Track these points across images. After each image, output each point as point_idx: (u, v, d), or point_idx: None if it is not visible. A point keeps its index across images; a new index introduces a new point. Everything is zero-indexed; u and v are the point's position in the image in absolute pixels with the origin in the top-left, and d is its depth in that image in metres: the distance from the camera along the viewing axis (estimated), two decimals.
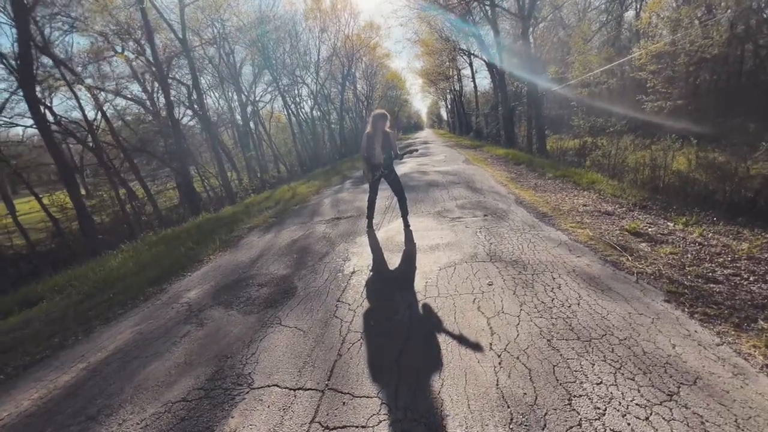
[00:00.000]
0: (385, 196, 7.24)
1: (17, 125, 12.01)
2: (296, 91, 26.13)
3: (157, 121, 19.29)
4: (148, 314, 3.38)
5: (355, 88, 35.25)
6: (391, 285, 3.27)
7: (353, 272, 3.65)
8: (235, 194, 12.46)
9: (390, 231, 5.01)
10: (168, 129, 19.48)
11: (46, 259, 8.73)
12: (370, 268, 3.71)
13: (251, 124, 23.75)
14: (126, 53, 17.38)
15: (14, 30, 6.69)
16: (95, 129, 12.82)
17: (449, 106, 52.36)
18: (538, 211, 5.24)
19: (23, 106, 15.26)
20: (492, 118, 26.72)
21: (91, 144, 13.74)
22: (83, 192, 16.10)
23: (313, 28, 24.98)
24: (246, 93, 22.14)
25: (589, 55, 24.02)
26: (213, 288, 3.77)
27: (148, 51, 15.90)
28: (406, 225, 5.10)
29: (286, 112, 22.41)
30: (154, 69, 11.99)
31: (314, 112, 29.43)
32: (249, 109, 23.48)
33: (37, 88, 13.31)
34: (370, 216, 5.27)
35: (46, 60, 12.02)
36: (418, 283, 3.20)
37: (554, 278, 3.04)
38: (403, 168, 12.65)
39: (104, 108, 15.50)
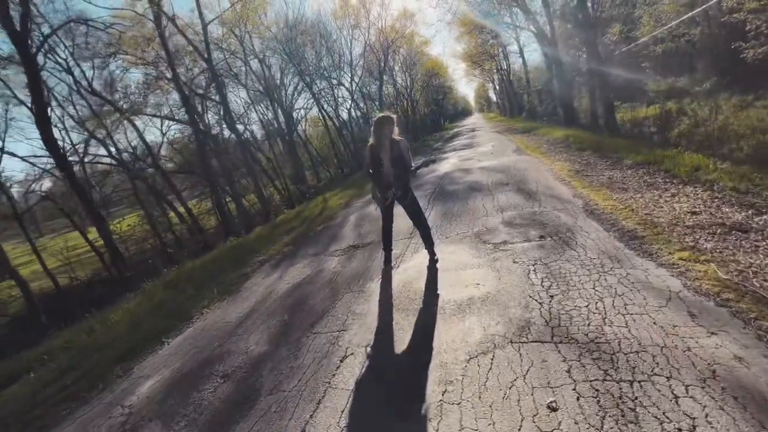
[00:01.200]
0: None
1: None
2: (334, 93, 25.66)
3: (209, 142, 19.94)
4: (80, 428, 2.60)
5: (394, 81, 33.98)
6: (391, 392, 2.11)
7: (344, 357, 2.54)
8: (269, 212, 12.08)
9: (410, 270, 3.81)
10: (219, 147, 20.01)
11: (90, 295, 8.95)
12: (369, 349, 2.57)
13: (294, 134, 23.73)
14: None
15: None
16: (136, 157, 13.21)
17: (497, 88, 48.82)
18: (620, 228, 3.68)
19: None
20: (546, 95, 23.86)
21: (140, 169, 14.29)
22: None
23: (344, 26, 24.19)
24: (284, 103, 22.06)
25: (661, 4, 20.25)
26: (171, 378, 2.91)
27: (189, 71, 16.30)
28: (432, 259, 3.87)
29: (321, 116, 21.93)
30: (177, 90, 11.92)
31: (353, 112, 28.80)
32: (291, 117, 23.46)
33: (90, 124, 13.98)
34: (386, 248, 4.12)
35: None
36: (432, 394, 2.00)
37: (677, 397, 1.65)
38: (444, 166, 11.24)
39: (147, 133, 16.14)
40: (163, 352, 3.46)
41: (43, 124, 6.80)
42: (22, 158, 11.84)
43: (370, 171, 3.77)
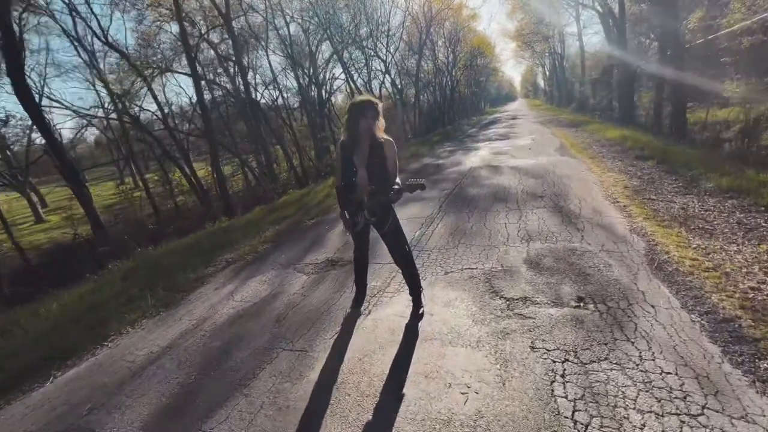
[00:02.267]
0: (415, 217, 4.76)
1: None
2: (368, 64, 24.05)
3: (236, 103, 19.11)
4: None
5: (435, 57, 31.60)
6: None
7: None
8: (275, 189, 11.15)
9: (381, 326, 2.69)
10: (246, 112, 19.20)
11: (90, 254, 8.41)
12: None
13: (325, 107, 22.54)
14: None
15: None
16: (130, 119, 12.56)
17: (547, 73, 45.07)
18: (711, 309, 2.35)
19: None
20: (602, 86, 21.19)
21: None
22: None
23: None
24: (317, 74, 20.81)
25: None
26: None
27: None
28: (416, 312, 2.73)
29: (348, 87, 20.51)
30: (183, 43, 10.95)
31: (386, 86, 27.13)
32: (323, 87, 22.24)
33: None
34: (358, 284, 3.01)
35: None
36: None
37: None
38: (471, 159, 9.83)
39: (184, 95, 15.51)
40: (33, 399, 2.59)
41: (15, 72, 6.02)
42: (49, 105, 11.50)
43: (342, 182, 2.62)
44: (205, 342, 2.87)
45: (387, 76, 25.65)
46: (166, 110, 18.95)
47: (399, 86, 27.79)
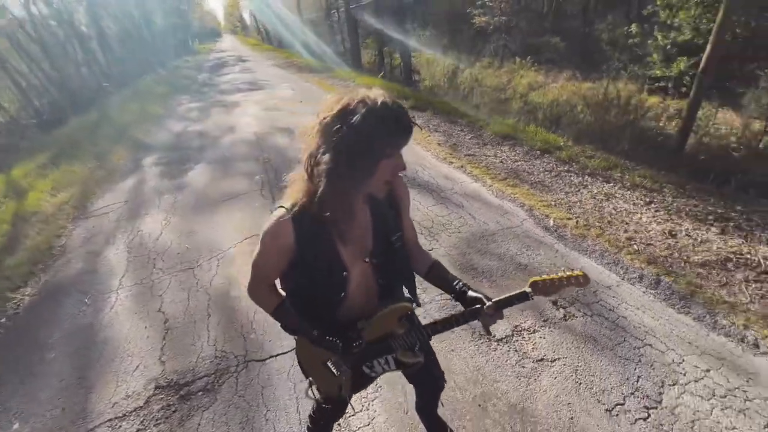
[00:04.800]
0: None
1: None
2: None
3: None
4: None
5: None
6: None
7: None
8: None
9: None
10: None
11: None
12: None
13: None
14: None
15: None
16: None
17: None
18: (641, 275, 2.63)
19: None
20: (325, 28, 21.83)
21: None
22: None
23: None
24: None
25: None
26: None
27: None
28: None
29: None
30: None
31: (37, 5, 17.38)
32: None
33: None
34: None
35: None
36: None
37: None
38: (243, 119, 7.82)
39: None
40: None
41: None
42: None
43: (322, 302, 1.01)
44: None
45: None
46: None
47: (54, 6, 18.31)
